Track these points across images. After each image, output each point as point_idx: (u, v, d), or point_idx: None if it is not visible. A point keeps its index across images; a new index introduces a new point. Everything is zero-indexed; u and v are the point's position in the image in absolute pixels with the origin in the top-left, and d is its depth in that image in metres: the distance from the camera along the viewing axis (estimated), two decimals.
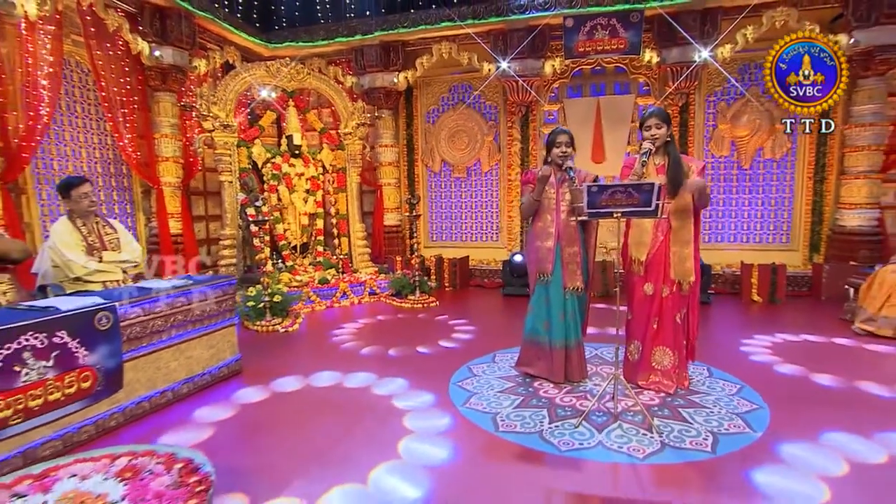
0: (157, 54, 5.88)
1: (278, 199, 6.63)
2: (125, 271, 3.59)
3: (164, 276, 3.79)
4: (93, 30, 5.38)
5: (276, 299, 5.25)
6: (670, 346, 3.23)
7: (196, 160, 6.73)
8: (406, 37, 7.09)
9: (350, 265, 7.00)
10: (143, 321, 3.04)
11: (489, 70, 6.78)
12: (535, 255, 3.41)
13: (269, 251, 6.30)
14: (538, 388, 3.34)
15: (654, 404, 3.07)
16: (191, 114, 6.48)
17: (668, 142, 3.14)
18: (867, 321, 4.58)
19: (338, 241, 7.23)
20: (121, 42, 5.68)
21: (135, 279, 3.68)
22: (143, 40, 5.77)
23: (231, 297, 3.79)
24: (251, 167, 6.49)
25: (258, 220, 5.61)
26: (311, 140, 7.40)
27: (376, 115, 7.57)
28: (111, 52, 5.63)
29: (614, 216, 2.69)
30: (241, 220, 6.15)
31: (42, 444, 2.52)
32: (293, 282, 6.14)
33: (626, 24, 6.03)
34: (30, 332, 2.36)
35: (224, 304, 3.69)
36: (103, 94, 5.58)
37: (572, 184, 3.20)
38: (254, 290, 5.28)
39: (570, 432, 2.74)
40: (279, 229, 6.65)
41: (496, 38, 6.76)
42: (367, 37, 7.12)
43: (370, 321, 5.47)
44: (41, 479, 1.88)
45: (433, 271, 7.21)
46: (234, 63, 6.98)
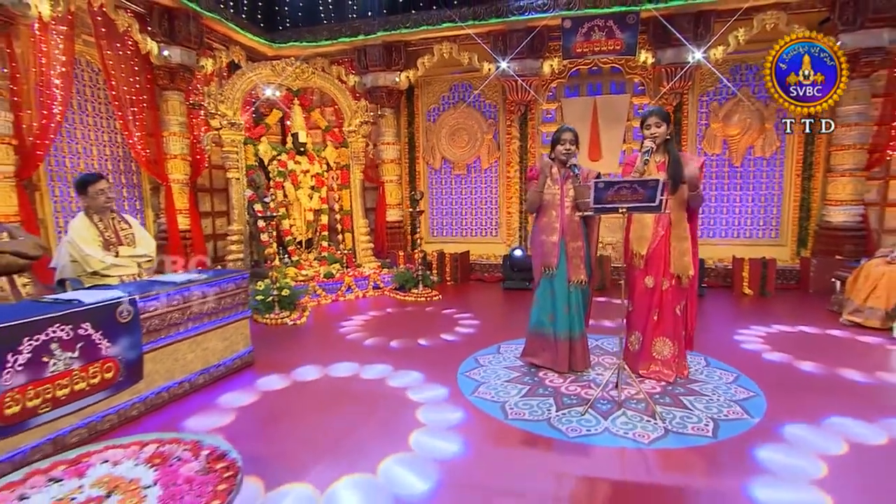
0: (165, 54, 5.98)
1: (284, 196, 6.74)
2: (140, 265, 3.64)
3: (178, 271, 3.89)
4: (103, 30, 5.48)
5: (284, 293, 5.38)
6: (670, 337, 3.33)
7: (203, 157, 6.83)
8: (408, 37, 7.20)
9: (354, 260, 7.15)
10: (161, 314, 3.10)
11: (489, 70, 6.91)
12: (541, 250, 3.49)
13: (276, 246, 6.43)
14: (543, 378, 3.43)
15: (655, 392, 3.16)
16: (198, 112, 6.58)
17: (667, 140, 3.23)
18: (854, 312, 4.80)
19: (342, 237, 7.36)
20: (130, 42, 5.78)
21: (156, 271, 3.76)
22: (152, 40, 5.87)
23: (244, 291, 3.87)
24: (258, 164, 6.60)
25: (266, 216, 5.75)
26: (316, 138, 7.50)
27: (379, 113, 7.70)
28: (121, 52, 5.73)
29: (619, 211, 2.78)
30: (249, 215, 6.27)
31: (70, 431, 2.58)
32: (299, 276, 6.26)
33: (622, 25, 6.16)
34: (57, 324, 2.41)
35: (237, 298, 3.77)
36: (113, 92, 5.68)
37: (576, 180, 3.32)
38: (262, 285, 5.41)
39: (577, 419, 2.83)
40: (285, 225, 6.76)
41: (496, 38, 6.89)
42: (369, 37, 7.22)
43: (378, 314, 5.59)
44: (75, 465, 1.96)
45: (435, 266, 7.37)
46: (239, 62, 7.10)
